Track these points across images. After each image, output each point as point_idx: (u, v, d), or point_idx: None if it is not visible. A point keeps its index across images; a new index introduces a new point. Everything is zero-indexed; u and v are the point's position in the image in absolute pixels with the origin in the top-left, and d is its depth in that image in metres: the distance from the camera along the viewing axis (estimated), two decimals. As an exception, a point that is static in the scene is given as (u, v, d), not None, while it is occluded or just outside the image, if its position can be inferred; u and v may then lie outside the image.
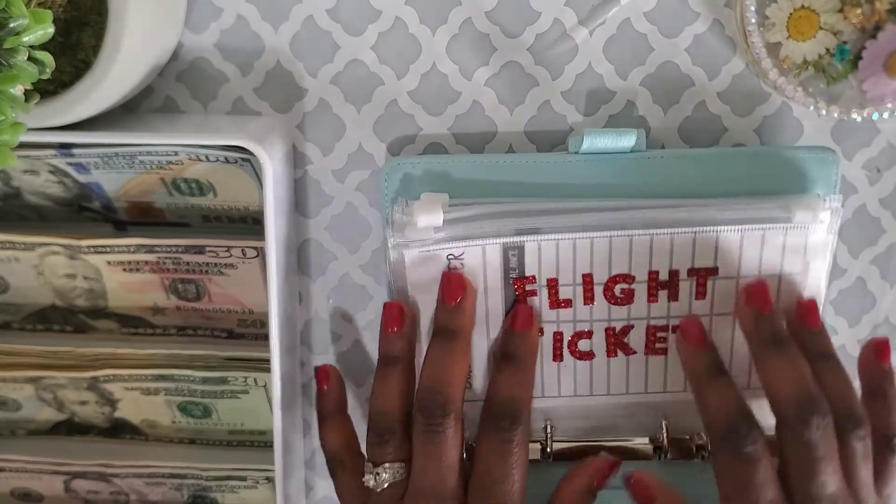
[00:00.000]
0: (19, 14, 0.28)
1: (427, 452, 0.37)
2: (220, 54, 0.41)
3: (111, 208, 0.43)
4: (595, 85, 0.41)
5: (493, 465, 0.36)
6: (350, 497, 0.40)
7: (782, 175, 0.39)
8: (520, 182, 0.39)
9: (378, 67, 0.41)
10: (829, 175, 0.39)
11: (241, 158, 0.39)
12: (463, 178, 0.39)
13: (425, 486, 0.36)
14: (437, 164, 0.39)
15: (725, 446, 0.35)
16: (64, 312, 0.45)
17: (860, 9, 0.37)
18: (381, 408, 0.38)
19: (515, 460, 0.36)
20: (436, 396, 0.37)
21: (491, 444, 0.37)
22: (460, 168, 0.39)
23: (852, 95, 0.39)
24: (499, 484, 0.36)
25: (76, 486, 0.47)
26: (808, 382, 0.35)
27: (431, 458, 0.36)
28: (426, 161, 0.39)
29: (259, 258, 0.41)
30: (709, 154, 0.39)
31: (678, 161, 0.39)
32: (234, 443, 0.47)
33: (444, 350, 0.38)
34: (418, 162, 0.39)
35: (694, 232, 0.38)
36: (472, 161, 0.39)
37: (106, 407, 0.46)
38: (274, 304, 0.39)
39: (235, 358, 0.43)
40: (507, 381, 0.38)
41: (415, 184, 0.39)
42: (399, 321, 0.39)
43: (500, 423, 0.37)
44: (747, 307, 0.38)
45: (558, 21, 0.40)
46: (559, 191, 0.39)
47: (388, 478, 0.37)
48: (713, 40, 0.41)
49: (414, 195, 0.39)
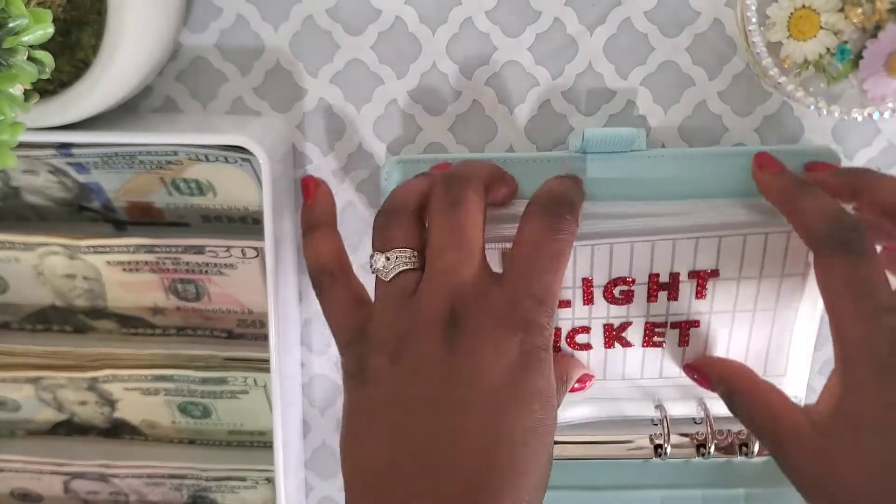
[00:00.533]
0: (19, 14, 0.28)
1: (449, 225, 0.31)
2: (220, 54, 0.41)
3: (111, 208, 0.43)
4: (595, 85, 0.41)
5: (540, 250, 0.31)
6: (342, 312, 0.34)
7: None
8: (520, 182, 0.39)
9: (378, 67, 0.41)
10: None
11: (241, 158, 0.39)
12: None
13: (445, 265, 0.31)
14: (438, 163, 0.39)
15: (832, 246, 0.32)
16: (64, 312, 0.45)
17: (861, 8, 0.37)
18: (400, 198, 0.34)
19: (564, 253, 0.31)
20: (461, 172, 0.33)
21: (541, 229, 0.32)
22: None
23: (853, 95, 0.39)
24: (541, 275, 0.31)
25: (76, 487, 0.47)
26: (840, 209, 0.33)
27: (454, 231, 0.31)
28: (426, 160, 0.39)
29: (259, 258, 0.41)
30: (709, 153, 0.39)
31: (679, 161, 0.39)
32: (233, 443, 0.47)
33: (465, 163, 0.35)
34: (418, 160, 0.39)
35: (696, 238, 0.38)
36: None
37: (105, 407, 0.46)
38: (273, 304, 0.39)
39: (235, 358, 0.43)
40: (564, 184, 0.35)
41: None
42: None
43: (557, 209, 0.32)
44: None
45: (558, 21, 0.40)
46: None
47: (398, 263, 0.32)
48: (713, 40, 0.41)
49: None
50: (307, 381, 0.46)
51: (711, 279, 0.39)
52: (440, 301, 0.31)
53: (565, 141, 0.42)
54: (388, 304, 0.32)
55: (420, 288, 0.32)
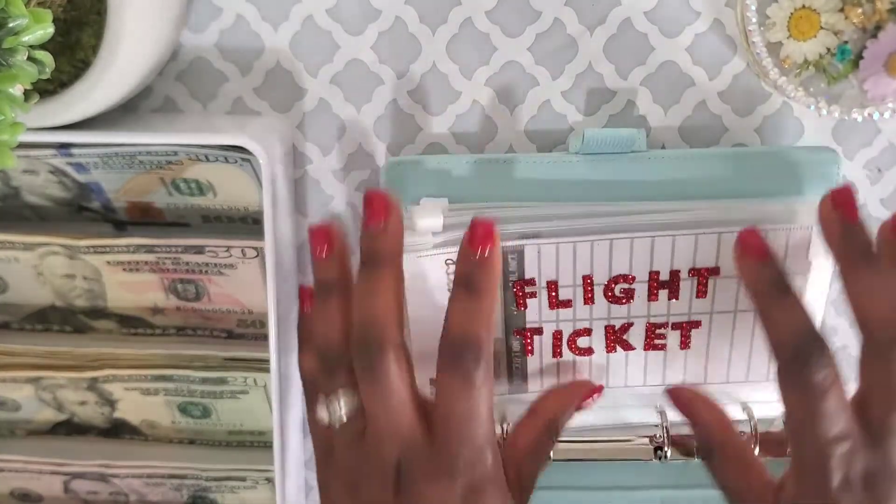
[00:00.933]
0: (19, 14, 0.28)
1: (374, 395, 0.33)
2: (220, 54, 0.41)
3: (111, 208, 0.43)
4: (595, 85, 0.41)
5: (456, 405, 0.33)
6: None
7: (783, 175, 0.39)
8: (520, 182, 0.39)
9: (378, 67, 0.41)
10: (830, 175, 0.39)
11: (241, 158, 0.38)
12: (463, 177, 0.39)
13: (382, 429, 0.33)
14: (437, 164, 0.39)
15: (793, 371, 0.32)
16: (63, 312, 0.45)
17: (861, 8, 0.37)
18: (325, 338, 0.35)
19: (481, 397, 0.33)
20: (368, 332, 0.33)
21: (453, 382, 0.33)
22: (460, 168, 0.39)
23: (853, 95, 0.39)
24: (465, 424, 0.33)
25: (76, 487, 0.47)
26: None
27: (379, 400, 0.33)
28: (426, 161, 0.39)
29: (259, 258, 0.41)
30: (710, 154, 0.39)
31: (679, 161, 0.39)
32: (233, 443, 0.47)
33: (371, 281, 0.34)
34: (418, 161, 0.39)
35: (696, 234, 0.38)
36: (472, 161, 0.39)
37: (105, 407, 0.46)
38: (273, 305, 0.39)
39: (235, 358, 0.43)
40: (464, 309, 0.34)
41: (415, 184, 0.39)
42: (327, 243, 0.36)
43: (460, 358, 0.33)
44: (830, 216, 0.34)
45: (558, 21, 0.40)
46: (560, 190, 0.39)
47: (344, 408, 0.34)
48: (714, 40, 0.41)
49: (413, 195, 0.39)
50: (307, 381, 0.46)
51: (712, 277, 0.39)
52: (385, 454, 0.34)
53: (565, 141, 0.42)
54: (342, 443, 0.35)
55: (367, 437, 0.34)
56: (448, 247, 0.38)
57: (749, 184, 0.38)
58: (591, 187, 0.39)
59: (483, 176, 0.39)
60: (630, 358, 0.41)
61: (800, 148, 0.39)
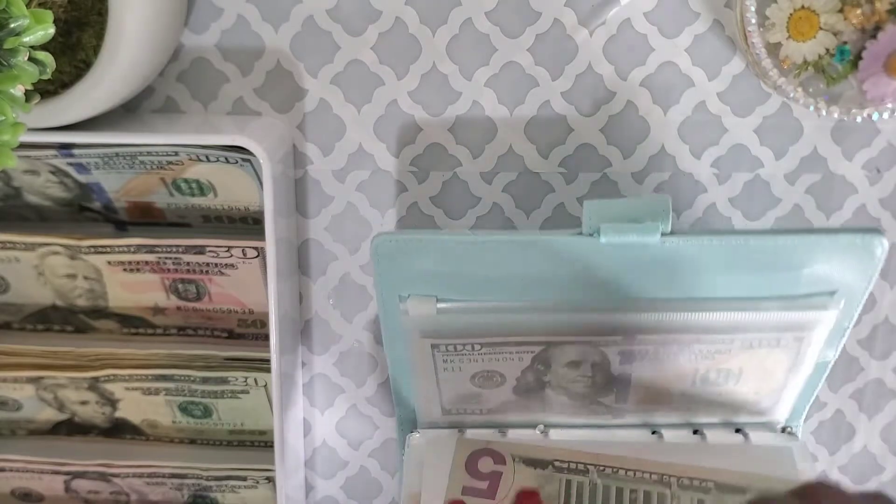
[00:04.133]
0: (20, 14, 0.28)
1: None
2: (221, 54, 0.41)
3: (111, 208, 0.43)
4: (595, 85, 0.41)
5: None
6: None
7: (814, 269, 0.35)
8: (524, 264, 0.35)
9: (378, 67, 0.41)
10: (868, 264, 0.35)
11: (242, 158, 0.39)
12: (460, 258, 0.35)
13: None
14: (429, 245, 0.35)
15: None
16: (64, 312, 0.45)
17: (860, 9, 0.37)
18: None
19: None
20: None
21: None
22: (456, 250, 0.35)
23: (852, 96, 0.39)
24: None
25: (76, 486, 0.47)
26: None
27: None
28: (418, 243, 0.35)
29: (259, 258, 0.41)
30: (739, 245, 0.34)
31: (704, 251, 0.34)
32: (234, 443, 0.47)
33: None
34: (409, 240, 0.35)
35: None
36: (469, 242, 0.35)
37: (106, 407, 0.46)
38: (274, 304, 0.39)
39: (235, 358, 0.43)
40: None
41: (406, 267, 0.35)
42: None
43: None
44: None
45: (558, 21, 0.40)
46: (570, 283, 0.35)
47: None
48: (713, 40, 0.41)
49: (407, 276, 0.36)
50: (307, 381, 0.46)
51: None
52: None
53: (565, 142, 0.42)
54: None
55: None
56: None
57: (776, 281, 0.35)
58: (606, 280, 0.34)
59: (481, 264, 0.35)
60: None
61: (841, 232, 0.34)
